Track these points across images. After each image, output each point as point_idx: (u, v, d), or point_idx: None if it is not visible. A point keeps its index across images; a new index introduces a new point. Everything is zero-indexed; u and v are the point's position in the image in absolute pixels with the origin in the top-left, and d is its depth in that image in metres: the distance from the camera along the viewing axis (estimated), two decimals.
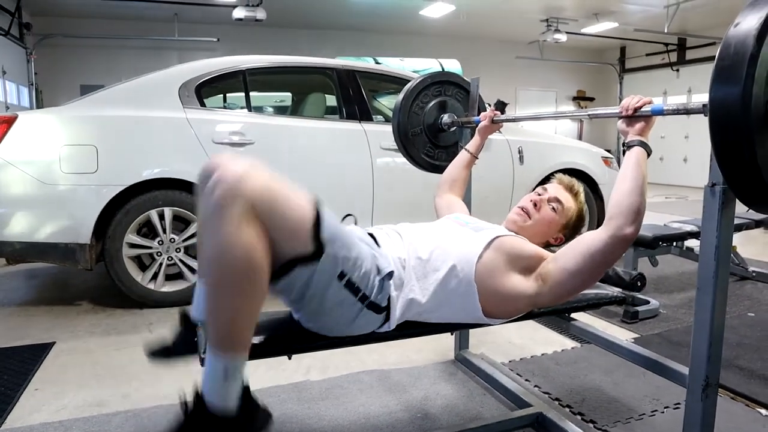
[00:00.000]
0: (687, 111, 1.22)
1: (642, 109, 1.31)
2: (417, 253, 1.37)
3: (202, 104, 3.09)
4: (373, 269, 1.28)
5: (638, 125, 1.33)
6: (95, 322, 2.78)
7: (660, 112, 1.28)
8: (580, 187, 1.65)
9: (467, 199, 2.10)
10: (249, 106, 3.28)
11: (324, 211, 1.19)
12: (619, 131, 1.37)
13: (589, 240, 1.28)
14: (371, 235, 1.43)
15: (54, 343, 2.48)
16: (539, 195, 1.59)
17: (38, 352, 2.36)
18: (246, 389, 1.15)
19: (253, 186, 1.07)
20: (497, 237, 1.41)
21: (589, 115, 1.59)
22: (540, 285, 1.35)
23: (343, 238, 1.23)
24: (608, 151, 4.45)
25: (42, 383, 2.08)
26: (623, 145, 1.37)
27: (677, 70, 11.56)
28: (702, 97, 1.13)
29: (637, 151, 1.30)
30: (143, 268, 2.98)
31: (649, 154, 1.31)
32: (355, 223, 1.53)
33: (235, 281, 1.07)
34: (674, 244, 3.15)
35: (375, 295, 1.28)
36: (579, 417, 1.84)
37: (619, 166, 4.08)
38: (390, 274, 1.30)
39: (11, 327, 2.69)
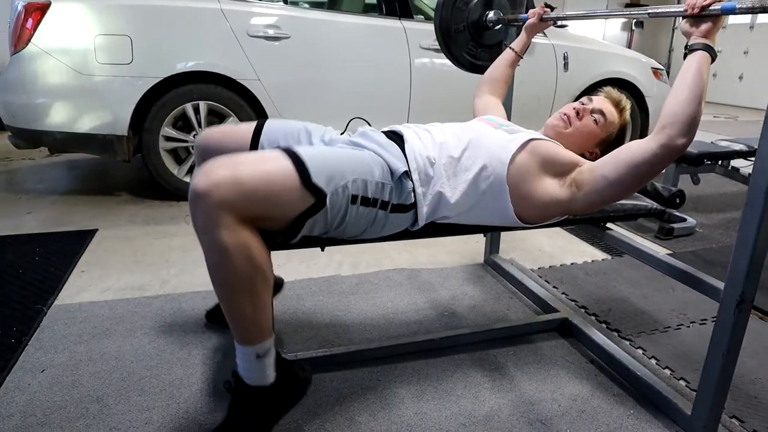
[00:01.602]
0: (764, 9, 1.11)
1: (711, 7, 1.20)
2: (449, 151, 1.34)
3: None
4: (386, 174, 1.26)
5: (704, 26, 1.21)
6: (134, 212, 2.87)
7: (732, 11, 1.16)
8: (627, 103, 1.56)
9: (507, 106, 2.03)
10: None
11: (304, 157, 1.15)
12: (682, 32, 1.26)
13: (635, 148, 1.23)
14: (395, 132, 1.40)
15: (97, 230, 2.58)
16: (583, 104, 1.52)
17: (83, 238, 2.47)
18: (279, 358, 1.23)
19: (227, 191, 1.05)
20: (532, 140, 1.36)
21: (648, 14, 1.47)
22: (574, 191, 1.31)
23: (339, 166, 1.20)
24: (659, 63, 4.18)
25: (87, 266, 2.19)
26: (685, 48, 1.27)
27: None
28: None
29: (700, 55, 1.20)
30: (179, 161, 3.02)
31: (713, 59, 1.21)
32: (369, 125, 1.49)
33: (243, 284, 1.09)
34: (719, 162, 3.03)
35: (397, 198, 1.27)
36: (604, 325, 1.87)
37: (669, 79, 3.85)
38: (405, 173, 1.28)
39: (56, 214, 2.80)
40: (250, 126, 1.48)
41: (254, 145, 1.45)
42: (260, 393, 1.20)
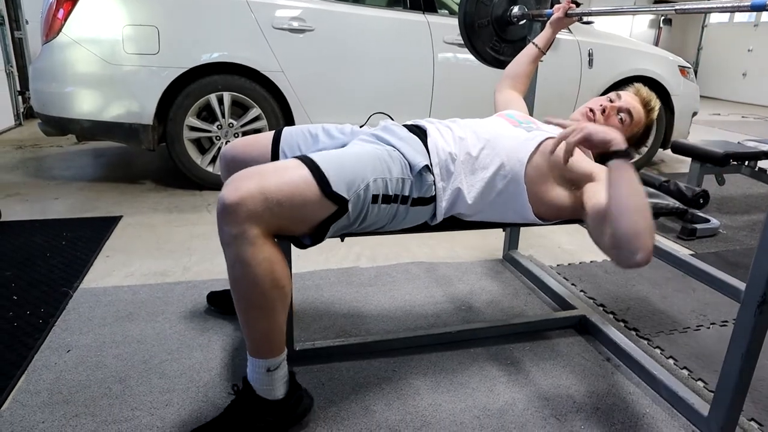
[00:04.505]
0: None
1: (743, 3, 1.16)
2: (467, 149, 1.35)
3: None
4: (405, 170, 1.27)
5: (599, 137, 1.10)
6: (158, 200, 2.92)
7: (762, 7, 1.15)
8: (657, 104, 1.53)
9: (530, 102, 2.02)
10: None
11: (323, 166, 1.15)
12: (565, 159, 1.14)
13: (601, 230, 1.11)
14: (418, 126, 1.41)
15: (121, 216, 2.64)
16: (611, 101, 1.49)
17: (108, 224, 2.53)
18: (291, 375, 1.26)
19: (256, 203, 1.06)
20: (548, 138, 1.35)
21: (675, 10, 1.45)
22: (580, 205, 1.25)
23: (358, 169, 1.20)
24: (687, 62, 4.12)
25: (112, 251, 2.24)
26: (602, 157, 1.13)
27: None
28: None
29: (621, 164, 1.08)
30: (202, 151, 3.06)
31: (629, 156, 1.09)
32: (392, 119, 1.49)
33: (261, 301, 1.11)
34: (746, 163, 2.98)
35: (417, 191, 1.28)
36: (622, 324, 1.86)
37: (696, 77, 3.78)
38: (426, 167, 1.28)
39: (83, 200, 2.87)
40: (270, 135, 1.51)
41: (275, 152, 1.47)
42: (266, 405, 1.22)
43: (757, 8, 1.15)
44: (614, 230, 1.03)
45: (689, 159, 2.94)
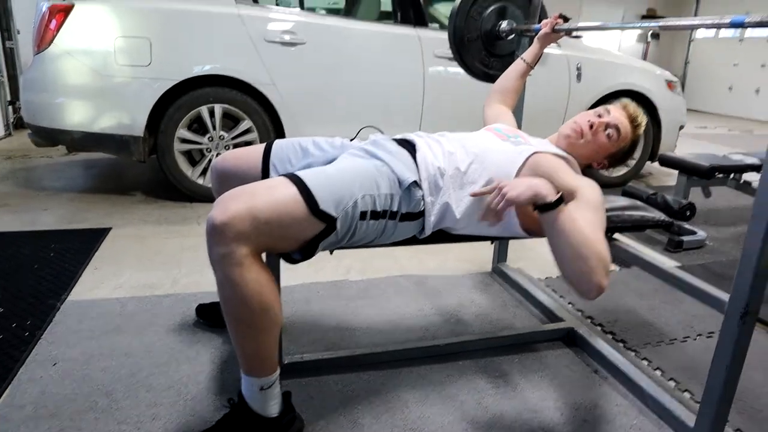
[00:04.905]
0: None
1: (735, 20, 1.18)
2: (456, 163, 1.36)
3: (255, 0, 3.03)
4: (394, 185, 1.28)
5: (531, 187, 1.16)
6: (148, 211, 2.92)
7: (741, 24, 1.18)
8: (644, 119, 1.54)
9: (518, 116, 2.04)
10: (302, 5, 3.19)
11: (310, 185, 1.16)
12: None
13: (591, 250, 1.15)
14: (408, 141, 1.42)
15: (111, 228, 2.63)
16: (599, 116, 1.50)
17: (97, 236, 2.52)
18: (286, 395, 1.27)
19: (244, 224, 1.07)
20: (535, 153, 1.37)
21: (660, 26, 1.48)
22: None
23: (345, 186, 1.21)
24: (674, 76, 4.18)
25: (101, 263, 2.23)
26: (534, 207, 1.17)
27: None
28: None
29: (557, 212, 1.14)
30: (193, 163, 3.06)
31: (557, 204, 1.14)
32: (382, 132, 1.51)
33: (252, 320, 1.12)
34: (731, 176, 3.02)
35: (406, 206, 1.29)
36: (610, 336, 1.87)
37: (683, 91, 3.81)
38: (414, 183, 1.29)
39: (72, 211, 2.85)
40: (260, 148, 1.51)
41: (265, 165, 1.48)
42: (260, 421, 1.22)
43: (736, 25, 1.18)
44: (563, 276, 1.13)
45: (676, 172, 2.98)
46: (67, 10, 2.75)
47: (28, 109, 2.91)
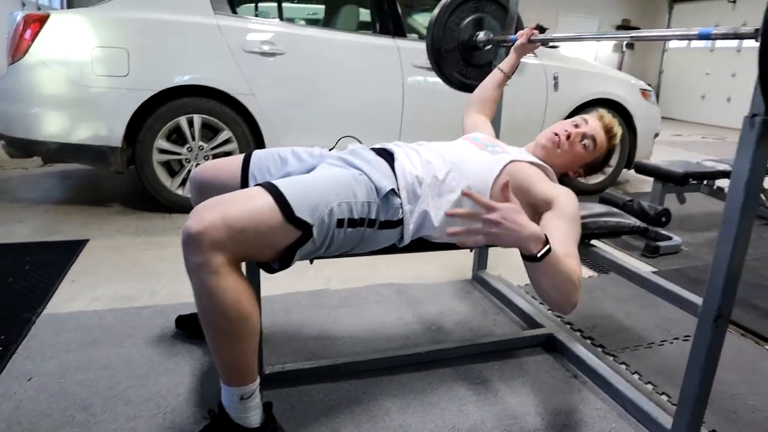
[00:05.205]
0: (737, 35, 1.15)
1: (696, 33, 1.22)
2: (433, 172, 1.38)
3: (234, 11, 3.03)
4: (372, 193, 1.29)
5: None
6: (126, 222, 2.88)
7: (708, 36, 1.22)
8: (619, 130, 1.58)
9: (496, 125, 2.07)
10: (281, 15, 3.20)
11: (285, 192, 1.16)
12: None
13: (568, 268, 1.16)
14: (386, 150, 1.43)
15: (88, 240, 2.59)
16: (576, 127, 1.53)
17: (74, 247, 2.48)
18: (267, 406, 1.27)
19: (218, 232, 1.07)
20: (512, 161, 1.40)
21: (631, 37, 1.52)
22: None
23: (321, 194, 1.21)
24: (649, 85, 4.28)
25: (78, 275, 2.19)
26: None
27: (734, 2, 10.82)
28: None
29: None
30: (172, 173, 3.04)
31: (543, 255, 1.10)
32: (360, 142, 1.52)
33: (229, 329, 1.12)
34: (704, 182, 3.09)
35: (384, 214, 1.30)
36: (589, 341, 1.89)
37: (658, 100, 3.89)
38: (392, 191, 1.30)
39: (48, 223, 2.81)
40: (240, 158, 1.51)
41: (245, 175, 1.47)
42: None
43: (704, 37, 1.22)
44: (539, 296, 1.19)
45: (652, 179, 3.04)
46: (42, 20, 2.72)
47: (2, 120, 2.86)
